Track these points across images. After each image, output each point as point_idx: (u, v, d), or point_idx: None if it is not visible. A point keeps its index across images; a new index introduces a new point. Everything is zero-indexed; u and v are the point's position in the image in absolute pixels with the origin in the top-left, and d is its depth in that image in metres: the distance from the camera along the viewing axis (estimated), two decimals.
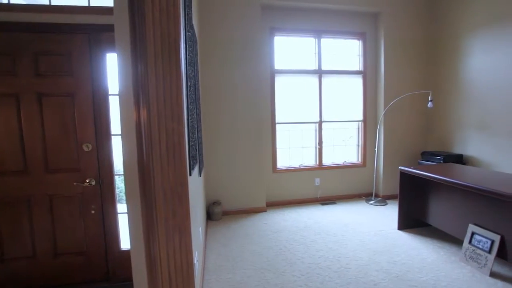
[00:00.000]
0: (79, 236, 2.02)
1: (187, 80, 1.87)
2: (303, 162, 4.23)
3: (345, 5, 3.91)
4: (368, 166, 4.41)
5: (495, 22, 3.31)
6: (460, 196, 2.56)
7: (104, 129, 2.01)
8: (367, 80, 4.31)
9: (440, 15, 4.06)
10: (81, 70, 1.94)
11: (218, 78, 3.60)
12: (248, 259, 2.55)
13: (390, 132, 4.24)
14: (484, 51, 3.46)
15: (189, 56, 2.02)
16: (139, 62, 0.98)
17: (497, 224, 2.24)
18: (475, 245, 2.35)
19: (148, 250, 1.02)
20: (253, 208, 3.81)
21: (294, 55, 4.09)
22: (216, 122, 3.63)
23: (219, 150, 3.66)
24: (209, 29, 3.53)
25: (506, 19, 3.18)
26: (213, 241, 2.95)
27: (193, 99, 2.22)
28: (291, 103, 4.11)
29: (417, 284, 2.12)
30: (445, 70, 4.03)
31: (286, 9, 3.93)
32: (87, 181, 1.96)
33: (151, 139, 1.00)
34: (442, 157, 3.67)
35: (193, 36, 2.34)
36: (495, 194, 2.05)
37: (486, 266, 2.23)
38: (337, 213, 3.69)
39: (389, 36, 4.11)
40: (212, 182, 3.68)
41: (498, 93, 3.31)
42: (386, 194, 4.30)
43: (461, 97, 3.79)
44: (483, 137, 3.51)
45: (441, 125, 4.12)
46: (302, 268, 2.39)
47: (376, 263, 2.43)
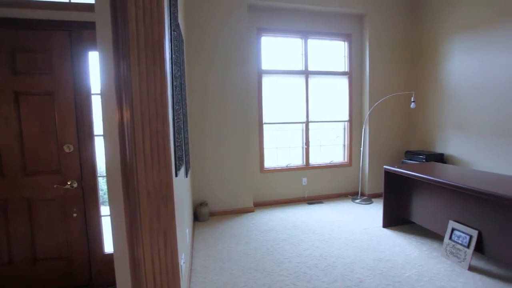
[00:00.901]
0: (60, 241, 1.96)
1: (172, 80, 1.85)
2: (290, 162, 4.26)
3: (331, 7, 3.96)
4: (354, 165, 4.49)
5: (471, 28, 3.44)
6: (441, 194, 2.65)
7: (87, 129, 1.95)
8: (353, 81, 4.39)
9: (422, 19, 4.19)
10: (62, 69, 1.87)
11: (205, 78, 3.57)
12: (236, 260, 2.54)
13: (375, 132, 4.33)
14: (462, 55, 3.59)
15: (174, 56, 1.99)
16: (122, 60, 0.95)
17: (475, 220, 2.33)
18: (455, 241, 2.44)
19: (131, 253, 0.99)
20: (240, 208, 3.80)
21: (281, 56, 4.12)
22: (203, 123, 3.60)
23: (206, 151, 3.64)
24: (196, 29, 3.49)
25: (481, 26, 3.32)
26: (200, 242, 2.92)
27: (179, 99, 2.19)
28: (278, 103, 4.13)
29: (401, 280, 2.18)
30: (426, 72, 4.16)
31: (273, 10, 3.95)
32: (68, 183, 1.89)
33: (135, 140, 0.98)
34: (424, 156, 3.78)
35: (179, 35, 2.31)
36: (473, 191, 2.13)
37: (465, 261, 2.32)
38: (324, 212, 3.74)
39: (374, 38, 4.21)
40: (199, 183, 3.64)
41: (475, 95, 3.45)
42: (372, 193, 4.39)
43: (441, 98, 3.93)
44: (462, 136, 3.65)
45: (423, 125, 4.25)
46: (289, 267, 2.40)
47: (362, 261, 2.48)
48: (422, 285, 2.10)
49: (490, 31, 3.24)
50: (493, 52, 3.23)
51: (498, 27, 3.16)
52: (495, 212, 2.17)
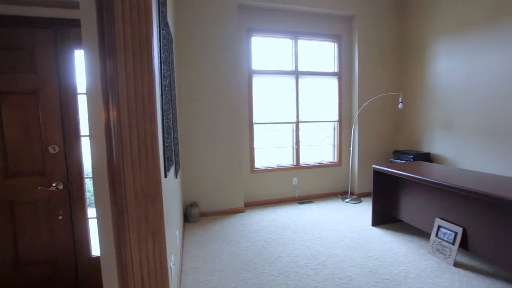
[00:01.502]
0: (45, 244, 1.90)
1: (161, 79, 1.83)
2: (281, 162, 4.28)
3: (321, 8, 4.00)
4: (344, 165, 4.54)
5: (456, 30, 3.54)
6: (428, 192, 2.71)
7: (73, 129, 1.90)
8: (342, 82, 4.44)
9: (409, 21, 4.28)
10: (46, 67, 1.82)
11: (195, 78, 3.54)
12: (226, 260, 2.53)
13: (364, 132, 4.40)
14: (447, 57, 3.69)
15: (163, 55, 1.97)
16: (108, 59, 0.93)
17: (460, 217, 2.39)
18: (441, 238, 2.50)
19: (119, 255, 0.97)
20: (231, 208, 3.79)
21: (271, 56, 4.13)
22: (193, 123, 3.57)
23: (196, 151, 3.61)
24: (186, 28, 3.46)
25: (465, 29, 3.41)
26: (190, 243, 2.90)
27: (169, 99, 2.17)
28: (269, 103, 4.14)
29: (389, 277, 2.21)
30: (414, 73, 4.25)
31: (263, 10, 3.95)
32: (53, 185, 1.84)
33: (122, 140, 0.96)
34: (412, 156, 3.86)
35: (168, 34, 2.29)
36: (458, 189, 2.19)
37: (450, 257, 2.38)
38: (314, 212, 3.77)
39: (363, 39, 4.27)
40: (189, 184, 3.61)
41: (460, 96, 3.54)
42: (361, 192, 4.45)
43: (427, 98, 4.02)
44: (447, 136, 3.74)
45: (411, 125, 4.34)
46: (280, 267, 2.41)
47: (351, 259, 2.51)
48: (409, 282, 2.14)
49: (474, 34, 3.34)
50: (477, 54, 3.32)
51: (481, 31, 3.26)
52: (479, 209, 2.23)
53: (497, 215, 2.11)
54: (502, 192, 1.96)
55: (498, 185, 2.16)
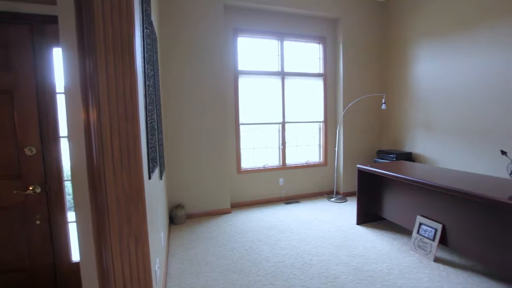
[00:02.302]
0: (21, 251, 1.82)
1: (145, 79, 1.79)
2: (267, 163, 4.29)
3: (306, 10, 4.04)
4: (329, 165, 4.61)
5: (436, 35, 3.67)
6: (409, 191, 2.79)
7: (52, 130, 1.83)
8: (327, 83, 4.51)
9: (392, 24, 4.40)
10: (22, 65, 1.74)
11: (180, 78, 3.50)
12: (213, 262, 2.51)
13: (349, 132, 4.48)
14: (428, 60, 3.82)
15: (147, 54, 1.93)
16: (88, 58, 0.90)
17: (439, 214, 2.48)
18: (422, 235, 2.58)
19: (99, 259, 0.94)
20: (217, 210, 3.76)
21: (257, 57, 4.13)
22: (178, 123, 3.52)
23: (182, 152, 3.56)
24: (171, 28, 3.41)
25: (445, 32, 3.54)
26: (176, 245, 2.85)
27: (153, 99, 2.12)
28: (255, 104, 4.14)
29: (373, 274, 2.26)
30: (396, 75, 4.37)
31: (249, 10, 3.95)
32: (30, 188, 1.76)
33: (102, 142, 0.93)
34: (394, 155, 3.97)
35: (152, 33, 2.24)
36: (438, 188, 2.26)
37: (431, 253, 2.46)
38: (301, 212, 3.80)
39: (347, 41, 4.35)
40: (175, 185, 3.56)
41: (439, 98, 3.67)
42: (346, 191, 4.53)
43: (409, 99, 4.14)
44: (428, 136, 3.87)
45: (394, 125, 4.46)
46: (267, 267, 2.41)
47: (337, 257, 2.54)
48: (392, 278, 2.20)
49: (451, 38, 3.47)
50: (454, 58, 3.46)
51: (458, 35, 3.39)
52: (457, 206, 2.32)
53: (473, 212, 2.20)
54: (477, 189, 2.05)
55: (474, 182, 2.25)
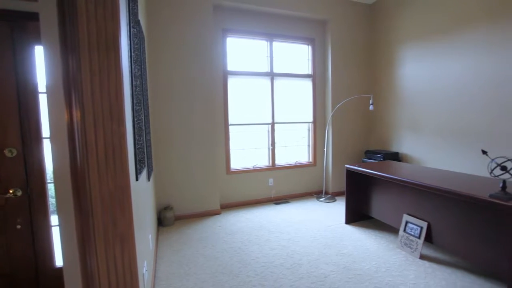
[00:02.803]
0: (0, 256, 1.75)
1: (132, 79, 1.76)
2: (257, 163, 4.29)
3: (295, 11, 4.07)
4: (318, 165, 4.65)
5: (421, 37, 3.77)
6: (396, 190, 2.85)
7: (34, 131, 1.77)
8: (316, 84, 4.55)
9: (379, 26, 4.49)
10: (1, 63, 1.68)
11: (169, 78, 3.45)
12: (202, 264, 2.49)
13: (338, 132, 4.53)
14: (413, 61, 3.91)
15: (134, 54, 1.90)
16: (71, 56, 0.88)
17: (425, 212, 2.54)
18: (408, 232, 2.63)
19: (84, 264, 0.92)
20: (207, 211, 3.73)
21: (246, 57, 4.13)
22: (167, 124, 3.48)
23: (170, 153, 3.52)
24: (159, 27, 3.37)
25: (430, 35, 3.64)
26: (164, 248, 2.81)
27: (140, 100, 2.09)
28: (244, 104, 4.14)
29: (362, 273, 2.29)
30: (383, 76, 4.46)
31: (238, 11, 3.95)
32: (10, 191, 1.70)
33: (86, 143, 0.90)
34: (382, 155, 4.04)
35: (139, 32, 2.21)
36: (423, 186, 2.32)
37: (417, 250, 2.51)
38: (290, 212, 3.82)
39: (336, 42, 4.40)
40: (163, 186, 3.51)
41: (425, 99, 3.77)
42: (335, 191, 4.58)
43: (396, 100, 4.23)
44: (414, 136, 3.97)
45: (381, 125, 4.55)
46: (256, 268, 2.41)
47: (326, 257, 2.57)
48: (380, 276, 2.24)
49: (436, 41, 3.57)
50: (439, 60, 3.55)
51: (442, 38, 3.49)
52: (441, 204, 2.38)
53: (456, 209, 2.26)
54: (460, 188, 2.11)
55: (457, 181, 2.32)
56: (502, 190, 1.84)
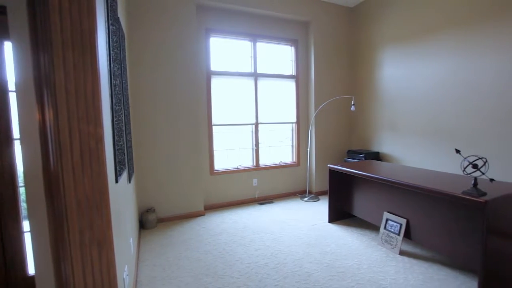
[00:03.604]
0: None
1: (111, 78, 1.71)
2: (241, 164, 4.28)
3: (278, 12, 4.10)
4: (302, 165, 4.70)
5: (399, 40, 3.90)
6: (377, 188, 2.93)
7: (3, 132, 1.68)
8: (300, 84, 4.60)
9: (360, 29, 4.60)
10: None
11: (150, 78, 3.38)
12: (186, 266, 2.45)
13: (321, 132, 4.60)
14: (392, 64, 4.04)
15: (113, 52, 1.84)
16: (42, 53, 0.84)
17: (404, 210, 2.63)
18: (389, 230, 2.71)
19: (58, 270, 0.87)
20: (190, 212, 3.68)
21: (230, 57, 4.11)
22: (149, 125, 3.40)
23: (152, 154, 3.44)
24: (140, 25, 3.29)
25: (407, 39, 3.77)
26: (147, 251, 2.74)
27: (120, 99, 2.03)
28: (228, 105, 4.12)
29: (344, 270, 2.34)
30: (364, 77, 4.57)
31: (222, 11, 3.93)
32: None
33: (60, 144, 0.86)
34: (363, 155, 4.14)
35: (119, 30, 2.15)
36: (402, 185, 2.40)
37: (396, 247, 2.59)
38: (275, 212, 3.84)
39: (318, 44, 4.47)
40: (145, 188, 3.43)
41: (403, 100, 3.90)
42: (319, 191, 4.65)
43: (376, 101, 4.35)
44: (393, 136, 4.09)
45: (362, 126, 4.66)
46: (241, 268, 2.40)
47: (310, 255, 2.60)
48: (362, 272, 2.29)
49: (413, 45, 3.71)
50: (415, 63, 3.69)
51: (419, 43, 3.63)
52: (419, 202, 2.47)
53: (433, 206, 2.36)
54: (436, 185, 2.20)
55: (433, 179, 2.41)
56: (473, 187, 1.94)
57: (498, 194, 1.90)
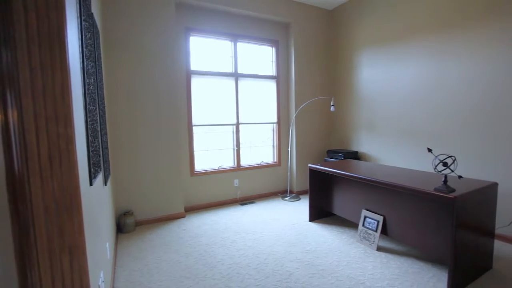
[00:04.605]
0: None
1: (84, 76, 1.64)
2: (222, 164, 4.25)
3: (259, 13, 4.11)
4: (283, 165, 4.74)
5: (375, 42, 4.03)
6: (355, 187, 3.01)
7: None
8: (280, 85, 4.64)
9: (338, 31, 4.71)
10: None
11: (128, 77, 3.28)
12: (166, 270, 2.39)
13: (301, 133, 4.67)
14: (369, 66, 4.17)
15: (87, 49, 1.77)
16: (4, 49, 0.79)
17: (381, 207, 2.72)
18: (367, 227, 2.80)
19: (23, 282, 0.82)
20: (170, 215, 3.60)
21: (211, 57, 4.07)
22: (126, 125, 3.30)
23: (130, 156, 3.34)
24: (117, 23, 3.18)
25: (383, 41, 3.91)
26: (124, 256, 2.66)
27: (94, 99, 1.96)
28: (209, 105, 4.08)
29: (324, 267, 2.38)
30: (343, 79, 4.69)
31: (202, 10, 3.88)
32: None
33: (26, 146, 0.82)
34: (342, 154, 4.24)
35: (93, 27, 2.07)
36: (379, 183, 2.48)
37: (374, 243, 2.68)
38: (256, 212, 3.84)
39: (299, 45, 4.53)
40: (123, 191, 3.32)
41: (380, 101, 4.04)
42: (299, 190, 4.71)
43: (355, 102, 4.48)
44: (371, 136, 4.23)
45: (342, 126, 4.77)
46: (222, 270, 2.38)
47: (291, 254, 2.62)
48: (341, 269, 2.34)
49: (389, 48, 3.85)
50: (391, 66, 3.83)
51: (394, 46, 3.77)
52: (395, 199, 2.57)
53: (407, 203, 2.46)
54: (410, 183, 2.29)
55: (408, 177, 2.52)
56: (444, 183, 2.04)
57: (466, 190, 2.02)
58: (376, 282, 2.16)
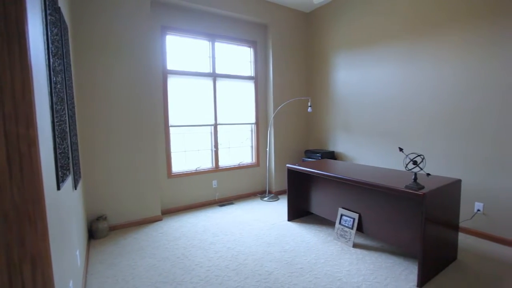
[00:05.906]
0: None
1: (50, 74, 1.55)
2: (200, 165, 4.19)
3: (236, 13, 4.10)
4: (262, 165, 4.76)
5: (350, 45, 4.16)
6: (332, 186, 3.08)
7: None
8: (258, 86, 4.66)
9: (315, 33, 4.81)
10: None
11: (101, 76, 3.13)
12: (142, 275, 2.31)
13: (280, 133, 4.71)
14: (344, 68, 4.30)
15: (53, 46, 1.67)
16: None
17: (356, 205, 2.80)
18: (343, 224, 2.87)
19: None
20: (146, 218, 3.49)
21: (188, 57, 4.00)
22: (99, 126, 3.15)
23: (103, 158, 3.19)
24: (88, 19, 3.03)
25: (357, 45, 4.05)
26: (97, 262, 2.54)
27: (62, 98, 1.85)
28: (186, 105, 4.00)
29: (303, 266, 2.41)
30: (320, 80, 4.79)
31: (179, 8, 3.80)
32: None
33: None
34: (320, 154, 4.33)
35: (60, 22, 1.95)
36: (354, 182, 2.56)
37: (350, 240, 2.76)
38: (235, 213, 3.82)
39: (276, 46, 4.57)
40: (95, 195, 3.17)
41: (355, 103, 4.17)
42: (278, 190, 4.75)
43: (331, 103, 4.59)
44: (347, 136, 4.36)
45: (319, 127, 4.87)
46: (201, 273, 2.34)
47: (270, 254, 2.63)
48: (319, 267, 2.39)
49: (363, 51, 3.99)
50: (365, 68, 3.97)
51: (370, 49, 3.92)
52: (369, 196, 2.66)
53: (380, 200, 2.55)
54: (382, 181, 2.39)
55: (381, 175, 2.62)
56: (414, 181, 2.14)
57: (434, 187, 2.13)
58: (352, 278, 2.22)
